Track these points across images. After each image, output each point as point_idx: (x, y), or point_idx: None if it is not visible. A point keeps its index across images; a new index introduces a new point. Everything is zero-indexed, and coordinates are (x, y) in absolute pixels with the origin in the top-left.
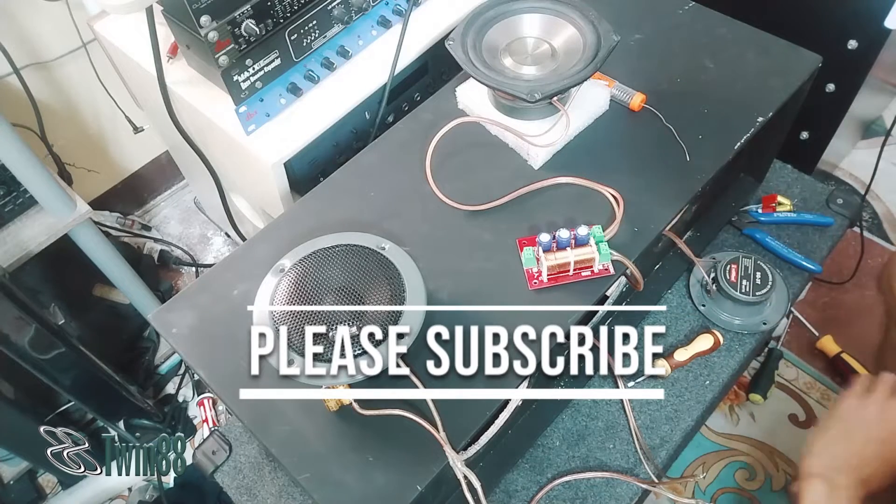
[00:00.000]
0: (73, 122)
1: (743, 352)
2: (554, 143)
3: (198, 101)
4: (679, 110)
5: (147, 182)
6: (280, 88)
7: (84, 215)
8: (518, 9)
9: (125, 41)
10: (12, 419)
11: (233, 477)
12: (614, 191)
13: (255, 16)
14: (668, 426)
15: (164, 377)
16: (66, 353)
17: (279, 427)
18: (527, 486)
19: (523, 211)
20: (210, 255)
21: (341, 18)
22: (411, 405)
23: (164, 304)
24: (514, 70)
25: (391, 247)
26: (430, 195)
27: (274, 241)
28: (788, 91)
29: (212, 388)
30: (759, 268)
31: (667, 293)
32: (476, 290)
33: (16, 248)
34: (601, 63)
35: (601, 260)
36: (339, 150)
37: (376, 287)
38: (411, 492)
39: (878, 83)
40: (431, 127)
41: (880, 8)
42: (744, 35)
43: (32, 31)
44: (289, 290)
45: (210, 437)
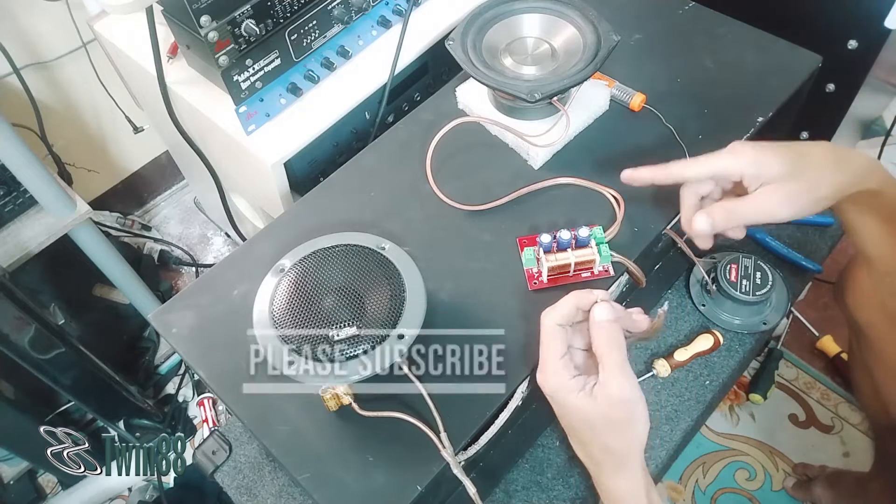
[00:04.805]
0: (73, 122)
1: (743, 352)
2: (554, 143)
3: (198, 101)
4: (679, 110)
5: (147, 182)
6: (280, 88)
7: (84, 215)
8: (518, 9)
9: (125, 41)
10: (12, 419)
11: (233, 477)
12: (615, 191)
13: (255, 16)
14: (668, 426)
15: (164, 377)
16: (66, 353)
17: (279, 427)
18: (527, 486)
19: (523, 211)
20: (210, 255)
21: (341, 18)
22: (411, 406)
23: (164, 304)
24: (514, 70)
25: (391, 247)
26: (430, 195)
27: (274, 241)
28: (788, 91)
29: (212, 388)
30: (759, 268)
31: (667, 293)
32: (476, 290)
33: (16, 248)
34: (601, 63)
35: (601, 261)
36: (339, 150)
37: (376, 287)
38: (411, 492)
39: (878, 83)
40: (431, 127)
41: (880, 8)
42: (744, 35)
43: (32, 31)
44: (289, 290)
45: (210, 437)
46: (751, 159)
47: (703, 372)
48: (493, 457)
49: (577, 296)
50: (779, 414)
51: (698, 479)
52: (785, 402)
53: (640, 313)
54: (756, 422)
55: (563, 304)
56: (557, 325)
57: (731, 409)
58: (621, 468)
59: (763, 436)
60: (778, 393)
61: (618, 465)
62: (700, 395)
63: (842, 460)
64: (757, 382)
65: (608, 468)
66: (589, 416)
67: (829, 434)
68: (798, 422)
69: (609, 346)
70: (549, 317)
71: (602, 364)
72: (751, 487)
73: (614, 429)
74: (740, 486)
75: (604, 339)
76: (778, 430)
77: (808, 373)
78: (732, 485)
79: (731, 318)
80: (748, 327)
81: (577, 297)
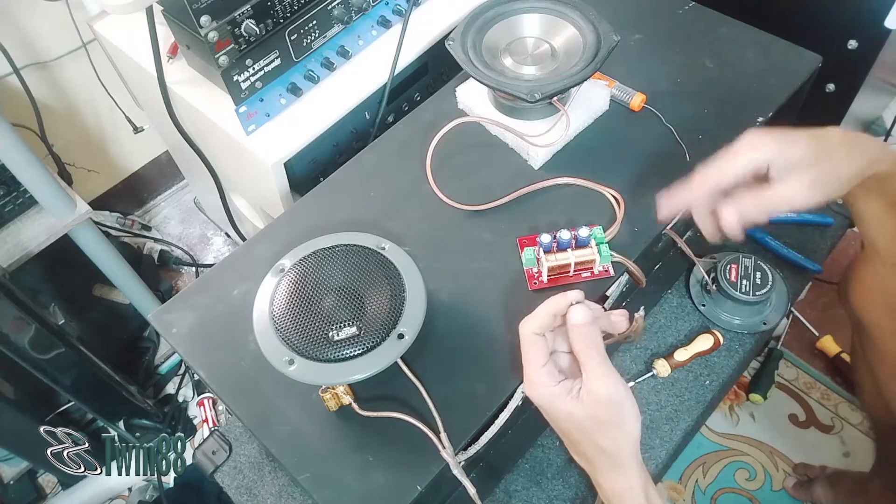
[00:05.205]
0: (73, 122)
1: (743, 352)
2: (554, 143)
3: (198, 101)
4: (679, 110)
5: (147, 182)
6: (280, 88)
7: (84, 215)
8: (518, 9)
9: (125, 41)
10: (12, 419)
11: (233, 477)
12: (615, 191)
13: (255, 16)
14: (668, 426)
15: (164, 377)
16: (66, 353)
17: (279, 427)
18: (527, 486)
19: (523, 211)
20: (210, 255)
21: (341, 18)
22: (411, 406)
23: (164, 304)
24: (514, 70)
25: (391, 247)
26: (431, 195)
27: (274, 241)
28: (788, 91)
29: (212, 388)
30: (759, 268)
31: (667, 293)
32: (476, 290)
33: (16, 248)
34: (601, 63)
35: (601, 261)
36: (339, 150)
37: (376, 287)
38: (411, 492)
39: (878, 83)
40: (431, 127)
41: (880, 8)
42: (744, 35)
43: (32, 31)
44: (289, 290)
45: (210, 437)
46: (775, 148)
47: (703, 372)
48: (493, 457)
49: (552, 301)
50: (779, 414)
51: (698, 479)
52: (785, 402)
53: (621, 315)
54: (756, 422)
55: (539, 313)
56: (535, 333)
57: (731, 409)
58: (616, 467)
59: (763, 436)
60: (778, 393)
61: (612, 464)
62: (700, 395)
63: (842, 460)
64: (757, 382)
65: (603, 468)
66: (577, 419)
67: (829, 434)
68: (798, 422)
69: (587, 347)
70: (526, 326)
71: (583, 366)
72: (751, 487)
73: (603, 428)
74: (740, 486)
75: (581, 342)
76: (778, 430)
77: (808, 373)
78: (732, 485)
79: (731, 318)
80: (748, 327)
81: (552, 303)
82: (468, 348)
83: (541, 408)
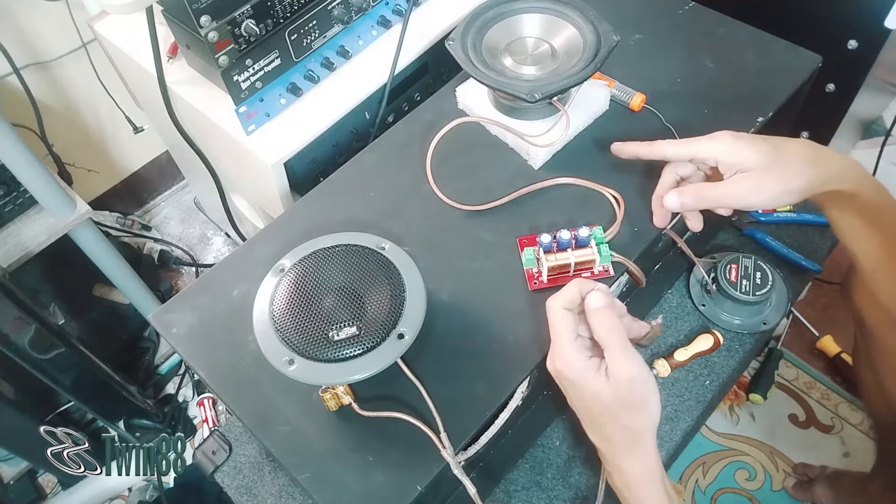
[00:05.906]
0: (73, 122)
1: (743, 352)
2: (554, 143)
3: (198, 101)
4: (679, 110)
5: (147, 182)
6: (280, 88)
7: (84, 215)
8: (518, 9)
9: (125, 41)
10: (12, 419)
11: (233, 477)
12: (615, 191)
13: (255, 16)
14: (668, 426)
15: (164, 377)
16: (66, 353)
17: (279, 427)
18: (527, 486)
19: (523, 211)
20: (210, 255)
21: (341, 18)
22: (411, 406)
23: (164, 304)
24: (514, 70)
25: (391, 247)
26: (430, 195)
27: (274, 241)
28: (788, 91)
29: (212, 388)
30: (759, 268)
31: (667, 293)
32: (476, 290)
33: (16, 248)
34: (601, 63)
35: (601, 261)
36: (339, 150)
37: (376, 287)
38: (411, 492)
39: (878, 83)
40: (431, 127)
41: (880, 8)
42: (744, 35)
43: (32, 31)
44: (289, 290)
45: (210, 437)
46: (727, 147)
47: (703, 372)
48: (493, 457)
49: (580, 282)
50: (779, 414)
51: (698, 479)
52: (785, 402)
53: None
54: (756, 422)
55: (568, 289)
56: (564, 308)
57: (731, 409)
58: (636, 448)
59: (763, 436)
60: (778, 393)
61: (633, 444)
62: (700, 395)
63: (842, 460)
64: (757, 382)
65: (624, 448)
66: (604, 398)
67: (829, 434)
68: (798, 422)
69: (608, 331)
70: (555, 300)
71: (606, 349)
72: (751, 487)
73: (629, 408)
74: (740, 486)
75: (602, 325)
76: (778, 430)
77: (808, 373)
78: (732, 485)
79: (731, 318)
80: (748, 327)
81: (580, 283)
82: (468, 348)
83: (568, 383)
